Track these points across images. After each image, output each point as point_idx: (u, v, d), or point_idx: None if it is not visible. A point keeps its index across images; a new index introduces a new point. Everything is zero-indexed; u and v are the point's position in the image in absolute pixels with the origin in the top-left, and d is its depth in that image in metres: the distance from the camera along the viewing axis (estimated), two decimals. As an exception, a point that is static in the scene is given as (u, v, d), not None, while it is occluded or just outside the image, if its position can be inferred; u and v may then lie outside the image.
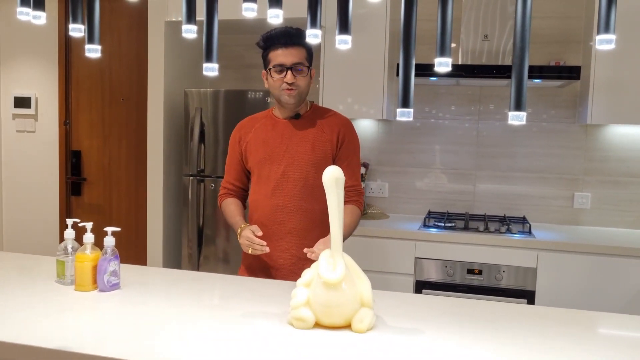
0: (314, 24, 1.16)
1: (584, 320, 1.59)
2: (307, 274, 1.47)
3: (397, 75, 3.08)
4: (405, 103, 1.09)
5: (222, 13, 2.95)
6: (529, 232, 2.97)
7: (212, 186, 3.32)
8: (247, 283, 1.87)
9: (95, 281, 1.69)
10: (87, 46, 1.26)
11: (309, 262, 2.03)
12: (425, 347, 1.34)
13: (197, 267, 3.37)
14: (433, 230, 3.00)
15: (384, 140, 3.56)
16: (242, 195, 2.21)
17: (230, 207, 2.13)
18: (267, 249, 1.89)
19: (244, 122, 2.19)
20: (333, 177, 1.43)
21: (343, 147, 2.07)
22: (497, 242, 2.86)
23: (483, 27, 3.10)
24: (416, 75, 3.06)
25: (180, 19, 3.39)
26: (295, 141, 2.05)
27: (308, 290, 1.44)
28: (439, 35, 1.08)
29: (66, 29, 3.90)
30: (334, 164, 2.07)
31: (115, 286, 1.71)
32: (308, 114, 2.10)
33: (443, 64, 1.07)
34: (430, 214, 3.36)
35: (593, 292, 2.77)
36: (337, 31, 1.17)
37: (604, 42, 1.00)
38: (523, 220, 3.20)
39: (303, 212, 2.03)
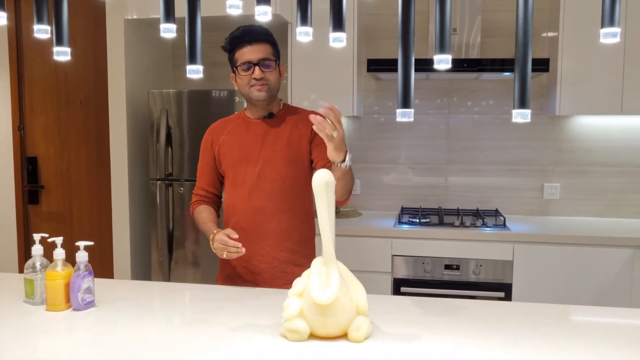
0: (304, 21, 1.10)
1: (581, 315, 1.58)
2: (299, 283, 1.40)
3: (368, 71, 3.04)
4: (405, 103, 1.04)
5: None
6: (504, 225, 2.98)
7: (181, 190, 3.20)
8: (230, 293, 1.79)
9: (68, 300, 1.58)
10: (56, 49, 1.16)
11: (291, 265, 1.96)
12: (426, 354, 1.30)
13: (167, 273, 3.26)
14: (408, 226, 2.97)
15: (354, 137, 3.52)
16: (216, 202, 2.12)
17: (203, 214, 2.03)
18: (243, 250, 1.78)
19: (215, 124, 2.10)
20: (323, 181, 1.36)
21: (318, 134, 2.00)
22: (473, 237, 2.86)
23: (452, 20, 3.09)
24: (385, 70, 3.02)
25: (139, 16, 3.24)
26: (270, 140, 1.98)
27: (301, 301, 1.37)
28: (437, 33, 1.04)
29: (17, 28, 3.69)
30: (311, 151, 1.99)
31: (90, 304, 1.61)
32: (281, 113, 2.04)
33: (443, 61, 1.02)
34: (403, 210, 3.34)
35: (568, 281, 2.80)
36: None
37: (609, 36, 0.98)
38: (496, 213, 3.21)
39: (283, 213, 1.96)
